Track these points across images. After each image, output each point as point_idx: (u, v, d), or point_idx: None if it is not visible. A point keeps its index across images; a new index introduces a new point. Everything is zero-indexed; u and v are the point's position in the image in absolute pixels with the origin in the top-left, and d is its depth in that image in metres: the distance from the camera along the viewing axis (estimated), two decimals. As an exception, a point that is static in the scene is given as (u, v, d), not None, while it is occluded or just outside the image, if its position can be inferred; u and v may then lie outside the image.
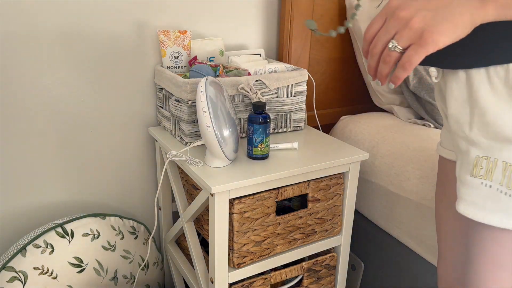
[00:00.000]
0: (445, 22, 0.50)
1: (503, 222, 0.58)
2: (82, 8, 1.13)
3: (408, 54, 0.52)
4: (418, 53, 0.52)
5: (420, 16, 0.51)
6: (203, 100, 0.93)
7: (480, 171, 0.59)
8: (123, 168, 1.32)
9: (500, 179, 0.57)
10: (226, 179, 0.95)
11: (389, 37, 0.54)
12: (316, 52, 1.47)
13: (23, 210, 1.21)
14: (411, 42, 0.52)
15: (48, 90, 1.15)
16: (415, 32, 0.51)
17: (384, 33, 0.54)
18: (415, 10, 0.51)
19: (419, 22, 0.51)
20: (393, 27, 0.53)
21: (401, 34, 0.52)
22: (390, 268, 1.30)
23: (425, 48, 0.51)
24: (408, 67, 0.53)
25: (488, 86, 0.57)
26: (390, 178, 1.23)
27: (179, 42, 1.20)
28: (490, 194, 0.59)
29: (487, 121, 0.58)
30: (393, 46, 0.53)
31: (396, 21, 0.52)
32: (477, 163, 0.60)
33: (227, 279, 1.04)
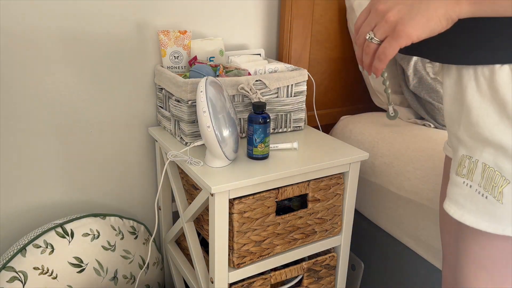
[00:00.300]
0: (419, 16, 0.52)
1: (478, 223, 0.58)
2: (82, 8, 1.13)
3: (383, 45, 0.55)
4: (392, 45, 0.54)
5: (396, 9, 0.53)
6: (203, 100, 0.93)
7: (463, 170, 0.60)
8: (123, 168, 1.32)
9: (479, 180, 0.58)
10: (226, 179, 0.95)
11: (369, 29, 0.56)
12: (316, 52, 1.47)
13: (23, 210, 1.21)
14: (386, 35, 0.55)
15: (48, 90, 1.15)
16: (390, 25, 0.53)
17: (366, 25, 0.57)
18: (393, 3, 0.53)
19: (394, 16, 0.53)
20: (373, 19, 0.56)
21: (378, 27, 0.55)
22: (390, 268, 1.30)
23: (398, 40, 0.53)
24: (383, 58, 0.56)
25: (475, 85, 0.57)
26: (390, 178, 1.23)
27: (179, 42, 1.20)
28: (470, 194, 0.59)
29: (470, 121, 0.58)
30: (370, 37, 0.56)
31: (375, 14, 0.55)
32: (461, 162, 0.60)
33: (227, 279, 1.04)
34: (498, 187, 0.56)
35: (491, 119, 0.56)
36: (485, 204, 0.58)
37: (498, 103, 0.54)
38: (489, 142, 0.56)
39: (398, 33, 0.53)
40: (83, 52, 1.16)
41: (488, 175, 0.57)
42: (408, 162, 1.19)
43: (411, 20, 0.52)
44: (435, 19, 0.52)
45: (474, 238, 0.62)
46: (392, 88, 1.46)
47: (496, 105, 0.55)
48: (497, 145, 0.55)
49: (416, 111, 1.42)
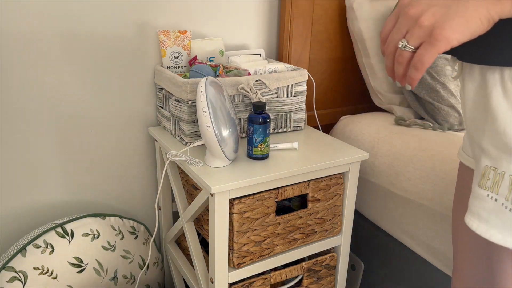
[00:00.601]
0: (457, 18, 0.47)
1: (506, 240, 0.54)
2: (82, 8, 1.13)
3: (419, 53, 0.50)
4: (429, 52, 0.49)
5: (430, 12, 0.48)
6: (203, 100, 0.93)
7: (487, 183, 0.55)
8: (123, 168, 1.32)
9: (506, 194, 0.53)
10: (226, 179, 0.95)
11: (400, 36, 0.51)
12: (316, 52, 1.47)
13: (23, 210, 1.21)
14: (421, 41, 0.49)
15: (48, 90, 1.15)
16: (425, 30, 0.48)
17: (395, 32, 0.52)
18: (426, 6, 0.49)
19: (428, 19, 0.48)
20: (404, 25, 0.51)
21: (411, 33, 0.50)
22: (390, 268, 1.30)
23: (435, 46, 0.48)
24: (420, 67, 0.50)
25: (501, 90, 0.53)
26: (390, 178, 1.23)
27: (179, 42, 1.20)
28: (495, 208, 0.54)
29: (497, 129, 0.53)
30: (403, 45, 0.51)
31: (406, 19, 0.50)
32: (485, 173, 0.56)
33: (227, 279, 1.04)
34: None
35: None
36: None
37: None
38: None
39: (436, 38, 0.48)
40: (83, 52, 1.16)
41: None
42: (408, 162, 1.19)
43: (449, 22, 0.47)
44: (476, 20, 0.47)
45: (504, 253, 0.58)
46: (392, 88, 1.46)
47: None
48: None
49: (416, 111, 1.42)
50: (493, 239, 0.55)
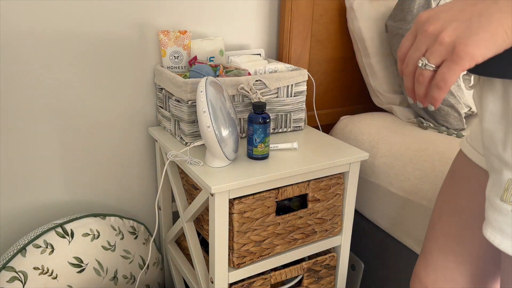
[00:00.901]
0: (481, 32, 0.43)
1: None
2: (82, 8, 1.13)
3: (441, 71, 0.47)
4: (452, 70, 0.46)
5: (451, 28, 0.45)
6: (203, 100, 0.93)
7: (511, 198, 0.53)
8: (123, 168, 1.32)
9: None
10: (226, 179, 0.95)
11: (419, 55, 0.49)
12: (316, 52, 1.47)
13: (23, 210, 1.21)
14: (443, 58, 0.46)
15: (48, 90, 1.15)
16: (446, 47, 0.45)
17: (414, 50, 0.49)
18: (446, 22, 0.46)
19: (450, 36, 0.45)
20: (423, 43, 0.48)
21: (431, 51, 0.47)
22: (390, 268, 1.30)
23: (459, 64, 0.45)
24: (443, 86, 0.47)
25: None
26: (390, 178, 1.23)
27: (179, 42, 1.20)
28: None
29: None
30: (424, 64, 0.48)
31: (425, 36, 0.47)
32: (508, 187, 0.53)
33: (227, 279, 1.04)
34: None
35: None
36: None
37: None
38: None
39: (459, 55, 0.44)
40: (83, 52, 1.16)
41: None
42: (408, 162, 1.19)
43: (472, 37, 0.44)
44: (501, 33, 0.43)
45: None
46: (392, 88, 1.46)
47: None
48: None
49: (416, 111, 1.42)
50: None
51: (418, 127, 1.35)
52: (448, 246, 0.79)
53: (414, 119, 1.41)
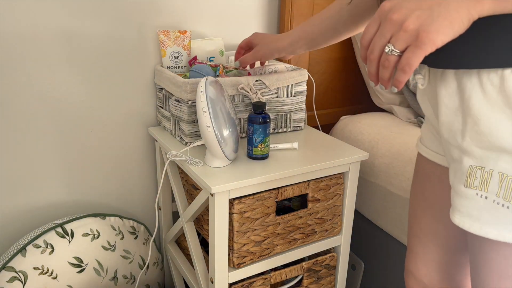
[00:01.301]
0: (441, 19, 0.48)
1: (501, 234, 0.56)
2: (82, 8, 1.13)
3: (406, 56, 0.51)
4: (416, 55, 0.50)
5: (414, 16, 0.49)
6: (203, 100, 0.93)
7: (474, 182, 0.57)
8: (123, 168, 1.32)
9: (496, 190, 0.55)
10: (226, 179, 0.95)
11: (385, 41, 0.52)
12: (316, 52, 1.47)
13: (23, 210, 1.21)
14: (408, 44, 0.51)
15: (48, 90, 1.15)
16: (410, 34, 0.50)
17: (379, 37, 0.53)
18: (409, 10, 0.50)
19: (413, 23, 0.49)
20: (388, 30, 0.51)
21: (396, 37, 0.51)
22: (390, 268, 1.30)
23: (422, 48, 0.50)
24: (407, 70, 0.52)
25: (481, 94, 0.55)
26: (390, 178, 1.23)
27: (179, 42, 1.20)
28: (486, 205, 0.56)
29: (481, 131, 0.55)
30: (390, 50, 0.52)
31: (390, 24, 0.51)
32: (470, 173, 0.58)
33: (227, 279, 1.04)
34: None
35: (505, 127, 0.53)
36: (506, 214, 0.55)
37: None
38: (505, 150, 0.54)
39: (422, 41, 0.49)
40: (83, 52, 1.16)
41: (507, 184, 0.54)
42: (408, 162, 1.19)
43: (433, 24, 0.48)
44: (458, 20, 0.48)
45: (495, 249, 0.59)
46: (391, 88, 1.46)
47: (510, 112, 0.52)
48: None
49: (416, 111, 1.42)
50: (489, 235, 0.57)
51: (418, 127, 1.35)
52: (428, 240, 0.83)
53: (414, 119, 1.41)
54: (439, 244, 0.82)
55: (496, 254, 0.59)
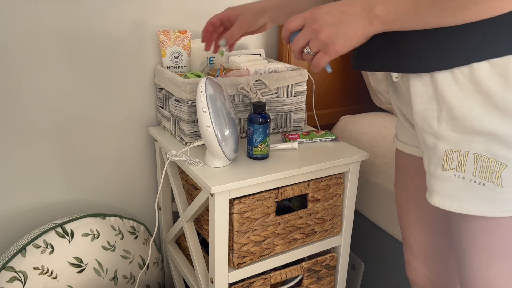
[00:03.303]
0: (343, 37, 0.64)
1: (479, 209, 0.61)
2: (82, 8, 1.13)
3: (317, 58, 0.68)
4: (324, 59, 0.68)
5: (327, 31, 0.64)
6: (203, 100, 0.93)
7: (452, 164, 0.63)
8: (123, 168, 1.32)
9: (472, 170, 0.61)
10: (226, 179, 0.95)
11: (304, 42, 0.68)
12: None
13: (23, 210, 1.21)
14: (319, 49, 0.67)
15: (48, 90, 1.15)
16: (322, 43, 0.66)
17: (301, 38, 0.68)
18: (324, 24, 0.64)
19: (325, 36, 0.65)
20: (308, 34, 0.67)
21: (312, 43, 0.67)
22: (390, 268, 1.30)
23: (328, 55, 0.67)
24: (317, 66, 0.69)
25: (454, 83, 0.60)
26: (390, 178, 1.23)
27: (179, 42, 1.20)
28: (463, 185, 0.62)
29: (455, 116, 0.61)
30: (307, 51, 0.69)
31: (310, 30, 0.66)
32: (447, 156, 0.63)
33: (227, 279, 1.04)
34: (495, 172, 0.59)
35: (477, 112, 0.59)
36: (483, 191, 0.60)
37: (482, 95, 0.58)
38: (479, 132, 0.59)
39: (329, 51, 0.66)
40: (83, 52, 1.16)
41: (482, 163, 0.60)
42: (408, 162, 1.19)
43: (338, 40, 0.64)
44: (355, 38, 0.64)
45: (481, 227, 0.64)
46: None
47: (480, 97, 0.58)
48: (487, 133, 0.58)
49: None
50: (469, 212, 0.62)
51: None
52: (417, 228, 0.88)
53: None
54: (427, 231, 0.87)
55: (483, 232, 0.64)
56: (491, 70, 0.57)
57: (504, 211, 0.60)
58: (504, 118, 0.57)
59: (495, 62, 0.57)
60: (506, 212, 0.60)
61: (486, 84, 0.57)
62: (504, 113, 0.57)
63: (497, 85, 0.57)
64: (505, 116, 0.57)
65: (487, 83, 0.57)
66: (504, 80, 0.56)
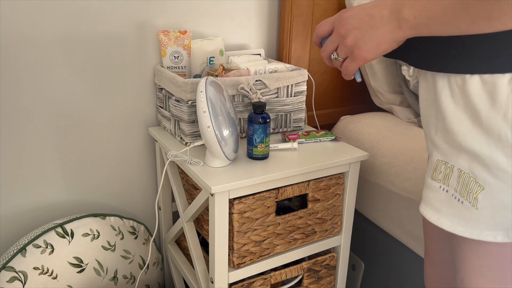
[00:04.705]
0: (370, 42, 0.60)
1: (454, 227, 0.60)
2: (82, 8, 1.13)
3: (345, 65, 0.65)
4: (351, 65, 0.64)
5: (353, 35, 0.61)
6: (203, 100, 0.93)
7: (439, 175, 0.62)
8: (123, 168, 1.32)
9: (455, 185, 0.59)
10: (226, 179, 0.95)
11: (333, 48, 0.66)
12: (316, 52, 1.47)
13: (23, 210, 1.21)
14: (347, 55, 0.64)
15: (48, 90, 1.15)
16: (348, 49, 0.63)
17: (330, 43, 0.66)
18: (351, 28, 0.61)
19: (351, 41, 0.62)
20: (336, 39, 0.64)
21: (340, 48, 0.64)
22: (390, 268, 1.30)
23: (355, 62, 0.63)
24: (346, 74, 0.66)
25: (449, 91, 0.59)
26: (391, 178, 1.23)
27: (179, 42, 1.20)
28: (446, 198, 0.61)
29: (446, 127, 0.59)
30: (334, 57, 0.66)
31: (337, 35, 0.64)
32: (437, 166, 0.62)
33: (227, 279, 1.04)
34: (473, 193, 0.57)
35: (464, 126, 0.57)
36: (461, 209, 0.59)
37: (470, 111, 0.56)
38: (463, 148, 0.57)
39: (355, 57, 0.63)
40: (83, 52, 1.16)
41: (463, 181, 0.58)
42: (409, 161, 1.19)
43: (364, 45, 0.61)
44: (384, 43, 0.60)
45: (469, 247, 0.63)
46: (392, 88, 1.46)
47: (469, 112, 0.56)
48: (471, 152, 0.56)
49: (416, 111, 1.42)
50: (444, 226, 0.61)
51: (418, 127, 1.35)
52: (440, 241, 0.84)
53: (414, 119, 1.41)
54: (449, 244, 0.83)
55: (471, 253, 0.63)
56: (481, 86, 0.54)
57: (474, 233, 0.58)
58: (487, 139, 0.55)
59: (486, 78, 0.54)
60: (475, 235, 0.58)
61: (475, 100, 0.55)
62: (487, 134, 0.54)
63: (484, 103, 0.54)
64: (488, 137, 0.54)
65: (476, 99, 0.55)
66: (490, 100, 0.53)
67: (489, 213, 0.57)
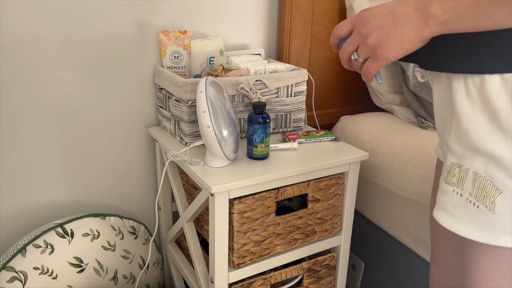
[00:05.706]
0: (394, 41, 0.57)
1: (470, 233, 0.58)
2: (82, 8, 1.13)
3: (366, 65, 0.62)
4: (373, 66, 0.61)
5: (375, 34, 0.59)
6: (203, 100, 0.93)
7: (453, 179, 0.60)
8: (123, 168, 1.32)
9: (470, 189, 0.57)
10: (226, 179, 0.95)
11: (353, 49, 0.63)
12: (316, 52, 1.47)
13: (23, 210, 1.21)
14: (368, 55, 0.61)
15: (48, 90, 1.15)
16: (370, 48, 0.60)
17: (350, 43, 0.63)
18: (373, 27, 0.59)
19: (373, 40, 0.59)
20: (356, 40, 0.62)
21: (361, 48, 0.61)
22: (390, 268, 1.30)
23: (378, 62, 0.60)
24: (367, 75, 0.63)
25: (465, 92, 0.57)
26: (390, 178, 1.23)
27: (179, 42, 1.20)
28: (460, 202, 0.59)
29: (461, 129, 0.57)
30: (355, 58, 0.63)
31: (358, 35, 0.61)
32: (451, 170, 0.60)
33: (227, 279, 1.04)
34: (490, 196, 0.55)
35: (482, 128, 0.55)
36: (476, 213, 0.57)
37: (489, 111, 0.54)
38: (480, 151, 0.55)
39: (378, 56, 0.60)
40: (83, 52, 1.16)
41: (479, 184, 0.56)
42: (408, 161, 1.19)
43: (387, 44, 0.58)
44: (408, 42, 0.57)
45: (481, 253, 0.61)
46: (392, 88, 1.46)
47: (487, 113, 0.54)
48: (488, 154, 0.55)
49: (416, 111, 1.42)
50: (458, 232, 0.59)
51: (418, 127, 1.35)
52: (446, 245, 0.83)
53: (414, 119, 1.41)
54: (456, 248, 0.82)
55: (482, 258, 0.60)
56: (502, 85, 0.52)
57: (491, 238, 0.57)
58: (507, 141, 0.53)
59: (507, 78, 0.52)
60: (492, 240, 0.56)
61: (494, 100, 0.53)
62: (507, 135, 0.53)
63: (504, 103, 0.52)
64: (508, 138, 0.53)
65: (495, 100, 0.53)
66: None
67: (507, 217, 0.55)
